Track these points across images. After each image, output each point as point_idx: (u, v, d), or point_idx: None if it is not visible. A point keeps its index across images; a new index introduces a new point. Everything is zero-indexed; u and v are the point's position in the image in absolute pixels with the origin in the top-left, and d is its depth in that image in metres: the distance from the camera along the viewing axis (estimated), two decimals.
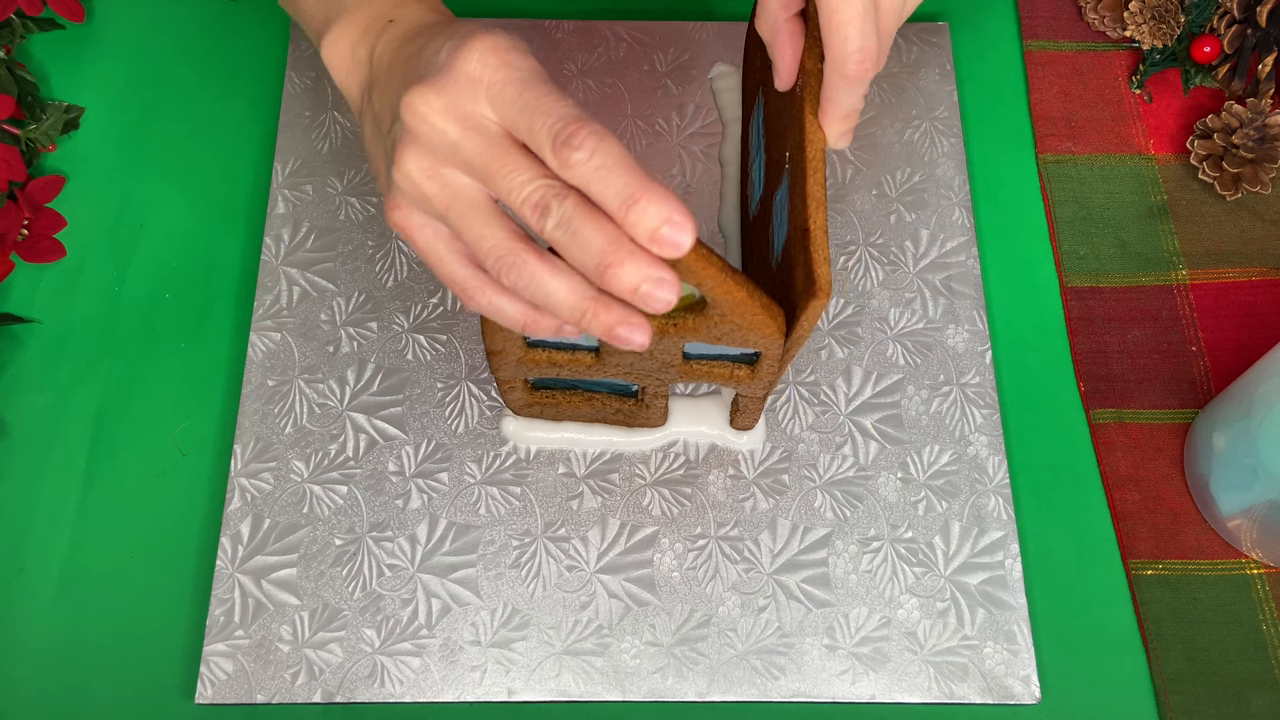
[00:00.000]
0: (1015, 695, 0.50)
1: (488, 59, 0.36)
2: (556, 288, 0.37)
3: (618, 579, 0.52)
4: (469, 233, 0.38)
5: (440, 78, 0.37)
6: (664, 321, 0.42)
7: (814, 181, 0.43)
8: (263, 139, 0.63)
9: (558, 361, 0.47)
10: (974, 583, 0.52)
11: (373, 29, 0.43)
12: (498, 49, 0.36)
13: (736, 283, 0.39)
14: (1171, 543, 0.54)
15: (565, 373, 0.48)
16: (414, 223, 0.39)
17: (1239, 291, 0.59)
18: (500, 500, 0.54)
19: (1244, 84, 0.63)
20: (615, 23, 0.66)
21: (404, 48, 0.41)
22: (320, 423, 0.55)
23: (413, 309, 0.58)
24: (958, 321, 0.58)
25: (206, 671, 0.50)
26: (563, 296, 0.37)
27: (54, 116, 0.62)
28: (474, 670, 0.51)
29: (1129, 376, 0.58)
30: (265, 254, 0.59)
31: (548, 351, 0.47)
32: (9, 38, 0.64)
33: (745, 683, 0.51)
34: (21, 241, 0.59)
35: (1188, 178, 0.63)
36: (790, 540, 0.53)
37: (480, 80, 0.36)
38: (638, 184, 0.34)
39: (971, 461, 0.55)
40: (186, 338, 0.58)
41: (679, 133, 0.63)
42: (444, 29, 0.39)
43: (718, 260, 0.38)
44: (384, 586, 0.52)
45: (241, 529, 0.53)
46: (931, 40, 0.65)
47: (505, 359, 0.47)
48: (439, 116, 0.37)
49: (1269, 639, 0.52)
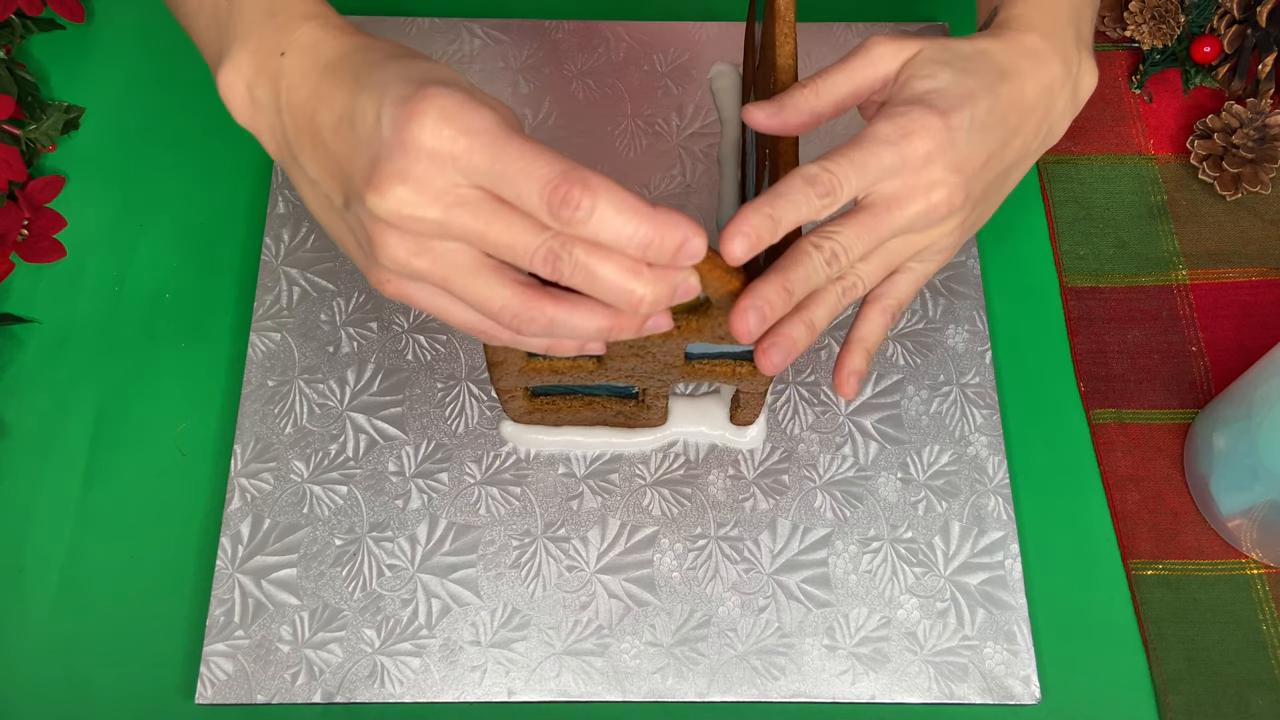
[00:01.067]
0: (1015, 695, 0.50)
1: (441, 131, 0.33)
2: (579, 323, 0.37)
3: (618, 579, 0.52)
4: (476, 299, 0.36)
5: (397, 162, 0.34)
6: None
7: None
8: None
9: (559, 370, 0.47)
10: (974, 583, 0.52)
11: (268, 65, 0.39)
12: (448, 116, 0.33)
13: (739, 281, 0.39)
14: (1171, 543, 0.54)
15: (567, 379, 0.48)
16: (410, 291, 0.38)
17: (1239, 291, 0.59)
18: (500, 500, 0.54)
19: (1244, 84, 0.63)
20: (615, 23, 0.66)
21: (320, 100, 0.37)
22: (320, 423, 0.55)
23: (412, 309, 0.58)
24: (958, 321, 0.58)
25: (206, 671, 0.50)
26: (586, 327, 0.37)
27: (54, 116, 0.62)
28: (474, 670, 0.51)
29: (1129, 376, 0.58)
30: (265, 254, 0.59)
31: (549, 361, 0.47)
32: (9, 38, 0.64)
33: (745, 683, 0.51)
34: (21, 241, 0.59)
35: (1188, 178, 0.63)
36: (790, 540, 0.53)
37: (441, 154, 0.33)
38: (644, 223, 0.34)
39: (971, 461, 0.55)
40: (186, 338, 0.58)
41: (679, 133, 0.63)
42: (362, 77, 0.36)
43: (720, 261, 0.38)
44: (384, 586, 0.52)
45: (241, 529, 0.53)
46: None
47: (506, 369, 0.47)
48: (413, 207, 0.34)
49: (1269, 639, 0.52)
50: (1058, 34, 0.43)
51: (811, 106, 0.42)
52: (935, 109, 0.39)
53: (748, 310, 0.38)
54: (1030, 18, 0.43)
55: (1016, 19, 0.43)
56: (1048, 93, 0.42)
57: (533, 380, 0.49)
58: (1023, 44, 0.42)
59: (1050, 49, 0.42)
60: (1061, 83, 0.43)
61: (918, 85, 0.40)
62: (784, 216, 0.37)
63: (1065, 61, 0.43)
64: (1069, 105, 0.44)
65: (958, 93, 0.40)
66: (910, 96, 0.40)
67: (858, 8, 0.67)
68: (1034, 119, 0.42)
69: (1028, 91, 0.42)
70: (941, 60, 0.41)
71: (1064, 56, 0.43)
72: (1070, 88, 0.43)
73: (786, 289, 0.38)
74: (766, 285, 0.38)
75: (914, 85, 0.40)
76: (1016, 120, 0.41)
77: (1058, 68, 0.42)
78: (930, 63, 0.41)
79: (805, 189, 0.37)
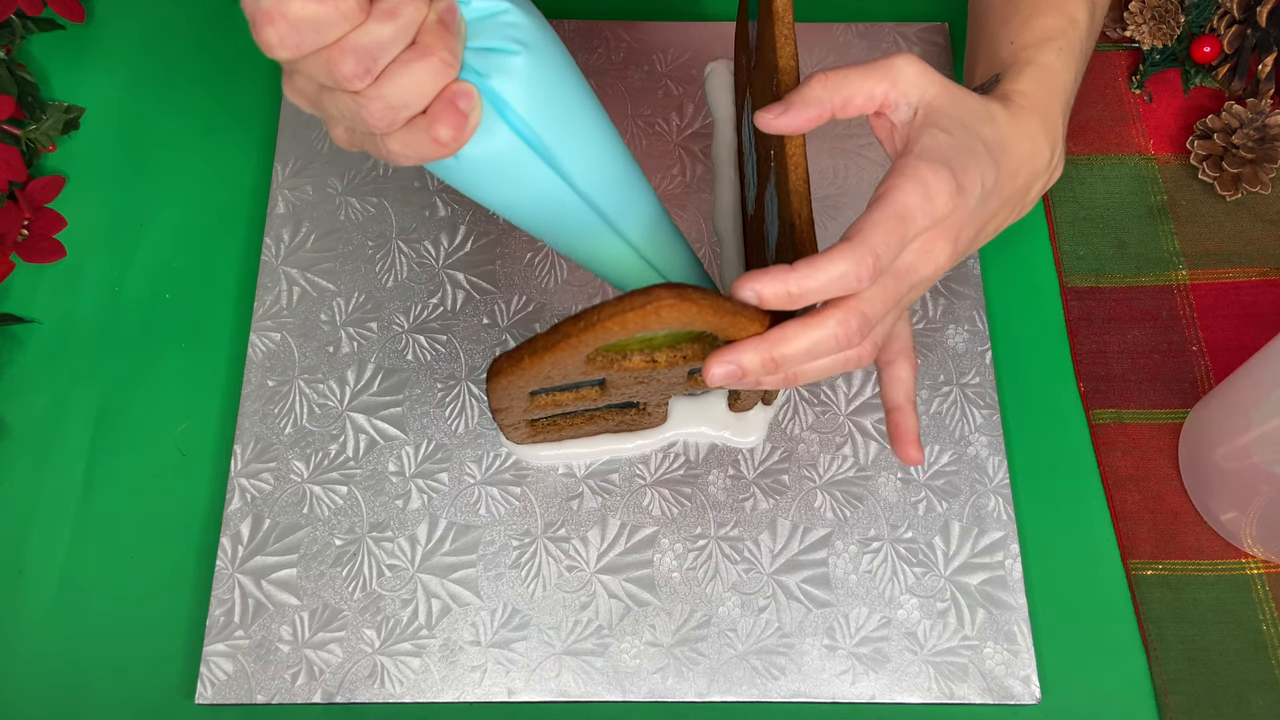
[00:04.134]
0: (1015, 695, 0.50)
1: None
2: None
3: (618, 579, 0.52)
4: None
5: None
6: (672, 354, 0.43)
7: (795, 176, 0.44)
8: (263, 139, 0.63)
9: (562, 402, 0.47)
10: (974, 583, 0.52)
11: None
12: None
13: (749, 317, 0.39)
14: (1171, 543, 0.54)
15: (570, 409, 0.48)
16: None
17: (1239, 291, 0.59)
18: (500, 500, 0.54)
19: (1244, 84, 0.63)
20: (615, 23, 0.66)
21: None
22: (320, 423, 0.55)
23: (413, 309, 0.58)
24: (958, 321, 0.58)
25: (206, 671, 0.50)
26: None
27: (54, 116, 0.62)
28: (474, 670, 0.51)
29: (1129, 376, 0.58)
30: (265, 254, 0.59)
31: (551, 395, 0.47)
32: (9, 38, 0.64)
33: (745, 683, 0.51)
34: (21, 241, 0.59)
35: (1188, 178, 0.63)
36: (790, 540, 0.53)
37: None
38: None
39: (971, 461, 0.55)
40: (186, 338, 0.58)
41: (679, 133, 0.63)
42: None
43: (730, 305, 0.38)
44: (384, 587, 0.52)
45: (241, 529, 0.53)
46: (931, 40, 0.65)
47: (510, 413, 0.48)
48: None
49: (1269, 639, 0.52)
50: (1052, 123, 0.44)
51: (820, 96, 0.42)
52: (956, 179, 0.39)
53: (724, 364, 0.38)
54: (1035, 98, 0.44)
55: (1021, 95, 0.44)
56: (1033, 178, 0.44)
57: (535, 414, 0.49)
58: (1025, 125, 0.43)
59: (1045, 137, 0.44)
60: (1045, 169, 0.44)
61: (941, 140, 0.40)
62: (808, 297, 0.37)
63: (1052, 150, 0.44)
64: (1041, 190, 0.45)
65: (971, 160, 0.40)
66: (933, 153, 0.39)
67: (858, 8, 0.67)
68: (1018, 199, 0.44)
69: (1021, 172, 0.43)
70: (958, 117, 0.41)
71: (1052, 145, 0.44)
72: (1047, 175, 0.45)
73: (774, 360, 0.38)
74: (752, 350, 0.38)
75: (938, 138, 0.40)
76: (1005, 198, 0.42)
77: (1046, 155, 0.44)
78: (949, 116, 0.41)
79: (845, 274, 0.36)
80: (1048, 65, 0.45)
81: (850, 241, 0.37)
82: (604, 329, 0.38)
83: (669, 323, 0.38)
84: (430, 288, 0.58)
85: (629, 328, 0.38)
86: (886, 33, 0.65)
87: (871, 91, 0.42)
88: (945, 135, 0.40)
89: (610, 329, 0.38)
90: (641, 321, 0.37)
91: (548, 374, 0.42)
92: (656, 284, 0.37)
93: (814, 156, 0.62)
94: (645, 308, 0.37)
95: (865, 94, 0.42)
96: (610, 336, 0.39)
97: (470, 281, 0.59)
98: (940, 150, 0.39)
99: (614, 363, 0.43)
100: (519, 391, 0.44)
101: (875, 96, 0.42)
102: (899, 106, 0.42)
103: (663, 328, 0.38)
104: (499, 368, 0.43)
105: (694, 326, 0.38)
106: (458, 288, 0.58)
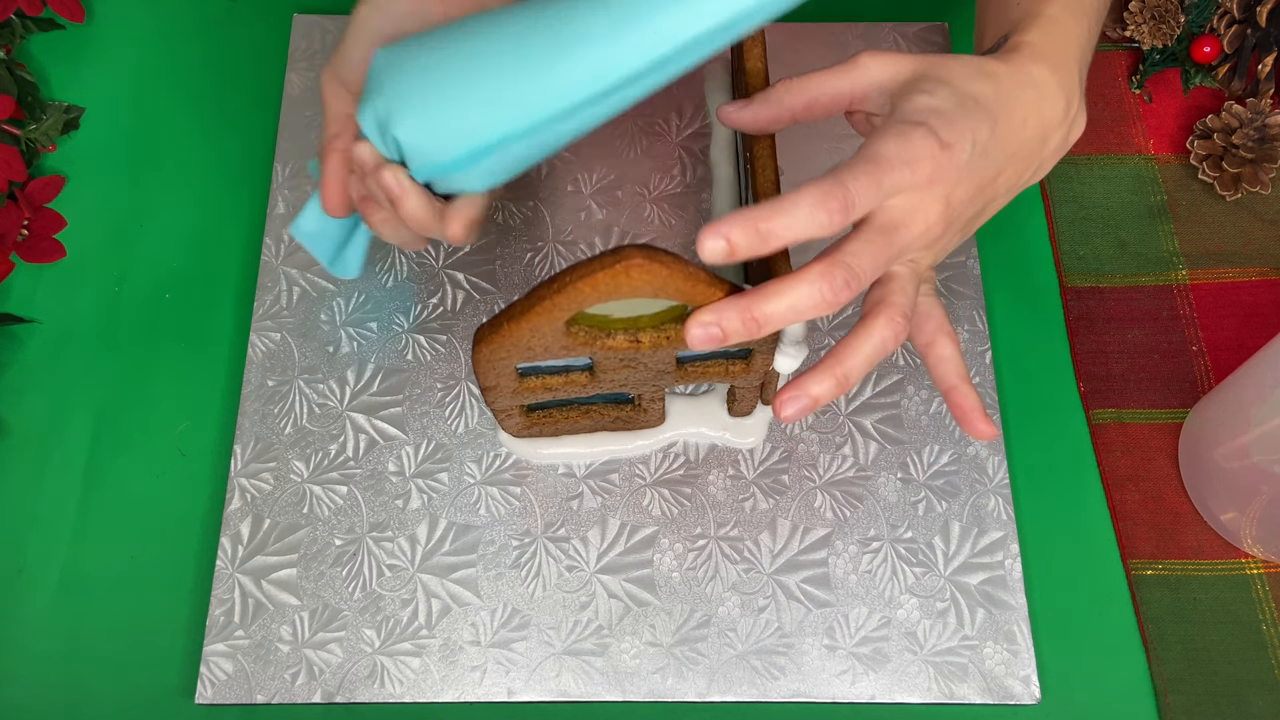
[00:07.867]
0: (1015, 695, 0.50)
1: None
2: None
3: (618, 579, 0.52)
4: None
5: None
6: (656, 334, 0.43)
7: (764, 179, 0.45)
8: (263, 139, 0.63)
9: (552, 386, 0.48)
10: (974, 583, 0.52)
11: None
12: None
13: (720, 289, 0.39)
14: (1171, 543, 0.54)
15: (561, 394, 0.49)
16: None
17: (1239, 291, 0.59)
18: (500, 500, 0.54)
19: (1244, 84, 0.63)
20: None
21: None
22: (320, 423, 0.55)
23: (413, 309, 0.58)
24: (958, 321, 0.58)
25: (206, 671, 0.50)
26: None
27: (54, 116, 0.62)
28: (474, 670, 0.51)
29: (1129, 376, 0.58)
30: (265, 254, 0.59)
31: (541, 378, 0.47)
32: (9, 38, 0.64)
33: (745, 683, 0.51)
34: (21, 241, 0.59)
35: (1188, 178, 0.63)
36: (790, 540, 0.53)
37: None
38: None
39: (971, 461, 0.55)
40: (186, 338, 0.58)
41: (679, 133, 0.63)
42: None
43: (704, 275, 0.39)
44: (384, 586, 0.52)
45: (241, 529, 0.53)
46: (931, 40, 0.65)
47: (500, 392, 0.48)
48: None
49: (1269, 639, 0.52)
50: (1065, 70, 0.42)
51: (781, 98, 0.42)
52: (937, 134, 0.38)
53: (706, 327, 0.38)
54: (1042, 47, 0.42)
55: (1028, 46, 0.42)
56: (1046, 129, 0.41)
57: (526, 398, 0.49)
58: (1030, 74, 0.41)
59: (1057, 85, 0.41)
60: (1060, 121, 0.42)
61: (920, 101, 0.39)
62: (778, 233, 0.35)
63: (1068, 100, 0.42)
64: (1061, 145, 0.43)
65: (959, 116, 0.39)
66: (912, 114, 0.39)
67: (858, 8, 0.67)
68: (1027, 153, 0.41)
69: (1029, 124, 0.41)
70: (942, 78, 0.40)
71: (1068, 95, 0.42)
72: (1066, 128, 0.42)
73: (755, 319, 0.37)
74: (732, 308, 0.37)
75: (916, 100, 0.39)
76: (1011, 152, 0.40)
77: (1060, 105, 0.41)
78: (931, 78, 0.40)
79: (815, 207, 0.35)
80: (1055, 17, 0.43)
81: (820, 178, 0.36)
82: (575, 290, 0.39)
83: (639, 285, 0.38)
84: (430, 288, 0.58)
85: (600, 288, 0.38)
86: (886, 33, 0.65)
87: (835, 90, 0.41)
88: (925, 96, 0.39)
89: (581, 290, 0.38)
90: (611, 281, 0.38)
91: (529, 343, 0.42)
92: (627, 244, 0.38)
93: (810, 157, 0.62)
94: (615, 267, 0.37)
95: (829, 94, 0.41)
96: (583, 299, 0.39)
97: (470, 281, 0.59)
98: (917, 111, 0.38)
99: (597, 339, 0.43)
100: (504, 366, 0.45)
101: (840, 95, 0.41)
102: (869, 97, 0.41)
103: (633, 292, 0.39)
104: (480, 335, 0.43)
105: (664, 293, 0.39)
106: (458, 288, 0.58)
